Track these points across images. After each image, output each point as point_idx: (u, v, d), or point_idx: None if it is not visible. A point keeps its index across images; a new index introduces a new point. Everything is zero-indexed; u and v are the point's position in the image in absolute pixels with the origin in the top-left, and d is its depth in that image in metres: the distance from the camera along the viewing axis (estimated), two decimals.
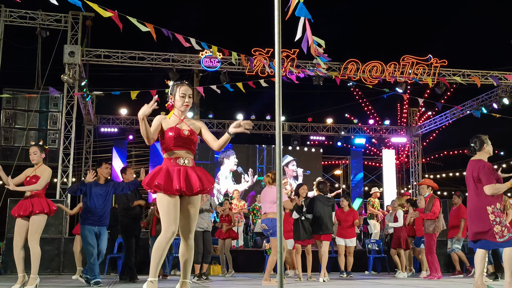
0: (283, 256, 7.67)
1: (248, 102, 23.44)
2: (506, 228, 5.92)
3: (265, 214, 8.23)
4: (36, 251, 6.86)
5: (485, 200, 6.01)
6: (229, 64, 16.32)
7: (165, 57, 16.24)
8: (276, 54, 3.80)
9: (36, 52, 15.17)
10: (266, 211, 8.21)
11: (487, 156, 6.25)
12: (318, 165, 22.50)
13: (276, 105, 3.83)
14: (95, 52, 15.91)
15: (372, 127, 22.53)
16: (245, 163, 21.59)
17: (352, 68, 16.65)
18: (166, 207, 4.46)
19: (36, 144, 7.51)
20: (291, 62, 16.07)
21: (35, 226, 6.92)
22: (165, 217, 4.45)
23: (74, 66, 14.80)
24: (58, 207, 8.29)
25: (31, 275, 6.85)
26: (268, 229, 8.17)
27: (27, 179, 7.03)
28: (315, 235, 9.39)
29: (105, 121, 20.25)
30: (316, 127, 21.71)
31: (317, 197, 9.51)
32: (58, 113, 14.66)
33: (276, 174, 3.80)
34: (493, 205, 5.98)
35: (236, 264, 12.33)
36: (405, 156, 24.56)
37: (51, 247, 11.81)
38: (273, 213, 8.09)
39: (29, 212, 6.86)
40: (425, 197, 10.19)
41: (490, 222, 5.95)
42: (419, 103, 17.64)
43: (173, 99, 4.71)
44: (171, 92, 4.72)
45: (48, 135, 14.59)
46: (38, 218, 6.96)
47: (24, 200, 6.99)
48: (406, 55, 16.96)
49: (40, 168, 7.11)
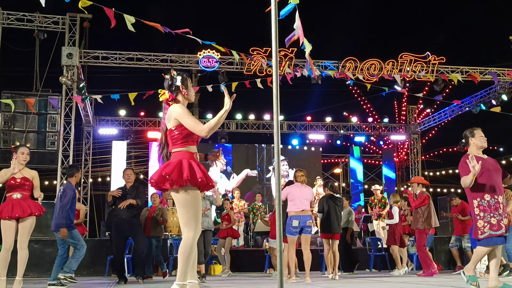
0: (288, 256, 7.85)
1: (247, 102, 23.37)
2: (488, 225, 5.77)
3: (304, 211, 8.63)
4: (26, 253, 6.91)
5: (470, 194, 5.94)
6: (227, 64, 16.34)
7: (163, 57, 16.26)
8: (273, 53, 3.81)
9: (34, 54, 15.18)
10: (304, 208, 8.64)
11: (475, 148, 6.16)
12: (317, 163, 22.53)
13: (273, 104, 3.83)
14: (93, 54, 15.91)
15: (371, 125, 22.53)
16: (244, 162, 21.58)
17: (350, 67, 16.65)
18: (198, 204, 4.43)
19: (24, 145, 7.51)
20: (290, 61, 16.08)
21: (28, 228, 6.92)
22: (197, 215, 4.40)
23: (72, 68, 14.79)
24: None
25: (18, 277, 6.84)
26: (299, 227, 8.57)
27: (17, 182, 6.99)
28: (326, 234, 9.58)
29: (104, 123, 20.25)
30: (315, 125, 21.72)
31: (328, 196, 9.66)
32: (56, 115, 14.66)
33: (275, 173, 3.81)
34: (478, 198, 5.86)
35: (237, 264, 12.34)
36: (404, 153, 24.59)
37: (51, 250, 11.79)
38: (307, 210, 8.66)
39: (29, 214, 6.86)
40: (417, 195, 10.23)
41: (474, 216, 5.89)
42: (418, 100, 17.67)
43: (186, 91, 4.68)
44: (182, 83, 4.66)
45: (47, 137, 14.57)
46: (32, 221, 6.98)
47: (15, 200, 6.90)
48: (404, 52, 16.97)
49: (27, 171, 7.12)
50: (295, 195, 8.75)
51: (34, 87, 14.95)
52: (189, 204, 4.38)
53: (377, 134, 22.83)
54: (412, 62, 16.84)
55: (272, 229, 10.56)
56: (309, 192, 8.94)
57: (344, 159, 25.57)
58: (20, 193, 6.97)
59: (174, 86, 4.65)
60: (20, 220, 6.89)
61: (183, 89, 4.67)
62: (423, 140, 23.99)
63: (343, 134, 21.98)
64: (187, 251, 4.29)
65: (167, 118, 4.58)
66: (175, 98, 4.65)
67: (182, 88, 4.66)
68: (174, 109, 4.54)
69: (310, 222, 8.72)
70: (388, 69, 16.70)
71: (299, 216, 8.62)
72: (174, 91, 4.65)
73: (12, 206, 6.85)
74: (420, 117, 23.42)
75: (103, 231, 15.96)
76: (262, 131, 21.12)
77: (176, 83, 4.65)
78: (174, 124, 4.49)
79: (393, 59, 16.86)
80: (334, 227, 9.47)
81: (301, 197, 8.73)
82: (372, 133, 22.63)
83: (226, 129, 20.91)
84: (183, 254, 4.30)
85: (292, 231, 8.63)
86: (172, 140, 4.53)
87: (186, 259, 4.29)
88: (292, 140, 22.12)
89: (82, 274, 11.75)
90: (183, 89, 4.67)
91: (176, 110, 4.50)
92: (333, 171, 26.34)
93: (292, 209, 8.70)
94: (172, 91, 4.65)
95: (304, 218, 8.63)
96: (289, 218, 8.69)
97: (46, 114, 14.65)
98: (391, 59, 16.86)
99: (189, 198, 4.38)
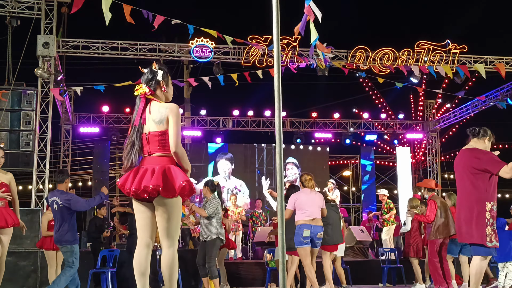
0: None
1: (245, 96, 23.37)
2: (494, 234, 5.91)
3: (315, 220, 8.59)
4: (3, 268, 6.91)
5: (485, 194, 6.01)
6: (223, 54, 16.33)
7: (151, 47, 16.23)
8: (274, 41, 3.80)
9: (6, 43, 15.15)
10: (316, 217, 8.63)
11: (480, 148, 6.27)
12: (324, 165, 22.50)
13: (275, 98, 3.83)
14: (73, 43, 15.90)
15: (384, 122, 22.54)
16: (242, 164, 21.53)
17: (361, 57, 16.64)
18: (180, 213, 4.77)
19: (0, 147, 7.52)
20: (293, 51, 16.07)
21: (8, 239, 6.91)
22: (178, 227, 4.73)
23: (49, 59, 14.76)
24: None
25: None
26: (309, 237, 8.55)
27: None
28: (330, 245, 9.55)
29: (84, 120, 20.25)
30: (322, 123, 21.72)
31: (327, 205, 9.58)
32: (32, 112, 14.59)
33: (277, 175, 3.81)
34: (492, 202, 5.97)
35: (235, 278, 12.32)
36: (421, 154, 24.59)
37: (26, 262, 11.79)
38: (318, 220, 8.68)
39: (11, 224, 6.84)
40: (427, 200, 10.22)
41: (483, 220, 5.94)
42: (436, 94, 17.66)
43: (166, 88, 4.76)
44: (164, 79, 4.74)
45: (21, 136, 14.46)
46: (11, 231, 6.97)
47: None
48: (421, 40, 16.97)
49: (2, 174, 7.11)
50: (304, 202, 8.69)
51: (6, 80, 14.91)
52: (179, 213, 4.56)
53: (390, 132, 22.83)
54: (430, 51, 16.84)
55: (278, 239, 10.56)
56: (320, 199, 8.90)
57: (354, 160, 25.58)
58: (2, 201, 6.96)
59: (154, 80, 4.71)
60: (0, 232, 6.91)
61: (163, 85, 4.75)
62: (442, 138, 23.98)
63: (352, 132, 21.98)
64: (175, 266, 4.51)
65: (155, 116, 4.59)
66: (154, 93, 4.71)
67: (162, 84, 4.74)
68: (170, 110, 4.59)
69: (321, 234, 8.68)
70: (403, 59, 16.70)
71: (310, 226, 8.55)
72: (152, 85, 4.71)
73: None
74: (439, 113, 23.41)
75: (84, 242, 15.95)
76: (262, 129, 21.13)
77: (157, 77, 4.72)
78: (167, 127, 4.58)
79: (409, 47, 16.87)
80: (337, 238, 9.54)
81: (311, 204, 8.67)
82: (385, 131, 22.63)
83: (222, 127, 20.90)
84: (172, 269, 4.51)
85: (302, 241, 8.54)
86: (160, 143, 4.56)
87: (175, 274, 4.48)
88: (296, 139, 22.09)
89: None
90: (163, 85, 4.74)
91: (173, 114, 4.57)
92: (341, 173, 26.34)
93: (302, 217, 8.61)
94: (151, 85, 4.70)
95: (316, 229, 8.58)
96: (298, 227, 8.61)
97: (20, 110, 14.54)
98: (407, 48, 16.87)
99: (180, 207, 4.56)
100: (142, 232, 4.59)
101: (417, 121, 23.29)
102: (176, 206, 4.52)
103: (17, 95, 14.50)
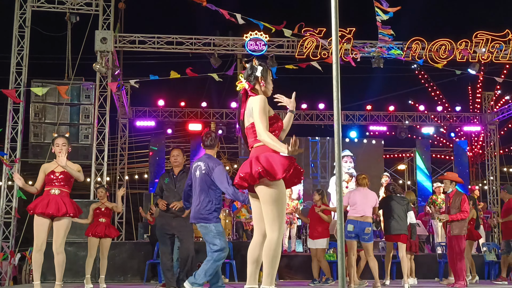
0: None
1: (298, 89, 23.24)
2: None
3: (363, 217, 9.15)
4: (64, 257, 6.94)
5: None
6: (276, 47, 16.29)
7: (206, 41, 16.31)
8: (333, 32, 3.77)
9: (66, 39, 15.47)
10: (364, 214, 9.17)
11: None
12: (379, 158, 22.18)
13: (334, 91, 3.80)
14: (129, 38, 16.12)
15: (440, 115, 22.10)
16: (296, 157, 21.38)
17: (417, 48, 16.34)
18: (285, 201, 4.79)
19: (61, 135, 7.63)
20: (347, 43, 15.91)
21: (64, 229, 6.93)
22: (282, 214, 4.68)
23: (106, 54, 15.03)
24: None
25: (57, 282, 6.93)
26: (353, 232, 9.14)
27: (56, 176, 7.06)
28: (389, 235, 9.73)
29: (140, 114, 20.54)
30: (377, 116, 21.46)
31: (392, 197, 9.80)
32: (90, 106, 14.86)
33: (336, 168, 3.79)
34: None
35: (288, 270, 12.32)
36: (479, 147, 24.04)
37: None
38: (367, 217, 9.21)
39: (63, 213, 6.89)
40: (449, 194, 9.92)
41: None
42: (495, 85, 17.21)
43: (264, 83, 4.91)
44: (262, 75, 4.90)
45: (80, 130, 14.74)
46: (69, 221, 7.01)
47: (52, 196, 6.96)
48: (480, 31, 16.54)
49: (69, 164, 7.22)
50: (356, 200, 9.25)
51: (66, 75, 15.23)
52: (278, 200, 4.63)
53: (447, 125, 22.40)
54: (489, 41, 16.40)
55: (313, 228, 10.91)
56: (373, 198, 9.39)
57: (409, 153, 25.17)
58: (59, 189, 7.03)
59: (253, 76, 4.88)
60: (54, 219, 6.95)
61: (262, 81, 4.89)
62: (501, 131, 23.37)
63: (408, 125, 21.64)
64: (271, 253, 4.52)
65: (247, 110, 4.81)
66: (253, 88, 4.88)
67: (261, 80, 4.88)
68: (253, 101, 4.77)
69: (368, 229, 9.11)
70: (461, 50, 16.32)
71: (355, 221, 9.15)
72: (252, 81, 4.88)
73: (48, 202, 6.86)
74: (498, 105, 22.83)
75: (140, 233, 16.24)
76: (316, 123, 21.02)
77: (256, 73, 4.88)
78: None
79: (467, 38, 16.46)
80: (396, 228, 9.58)
81: (363, 202, 9.22)
82: (442, 124, 22.20)
83: None
84: (268, 256, 4.52)
85: (347, 235, 9.09)
86: (254, 135, 4.77)
87: (271, 262, 4.52)
88: (350, 132, 21.85)
89: (119, 280, 12.00)
90: (261, 80, 4.89)
91: (255, 104, 4.72)
92: (396, 167, 25.97)
93: (351, 214, 9.24)
94: (250, 80, 4.88)
95: (362, 225, 9.13)
96: (346, 222, 9.14)
97: (79, 104, 14.86)
98: (464, 38, 16.47)
99: (278, 193, 4.64)
100: (257, 222, 4.79)
101: (475, 114, 22.76)
102: (267, 192, 4.63)
103: (76, 89, 14.81)
